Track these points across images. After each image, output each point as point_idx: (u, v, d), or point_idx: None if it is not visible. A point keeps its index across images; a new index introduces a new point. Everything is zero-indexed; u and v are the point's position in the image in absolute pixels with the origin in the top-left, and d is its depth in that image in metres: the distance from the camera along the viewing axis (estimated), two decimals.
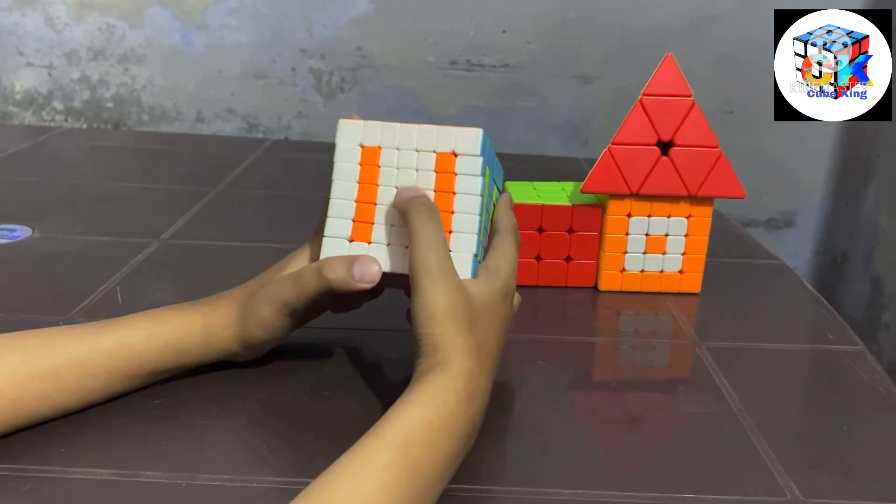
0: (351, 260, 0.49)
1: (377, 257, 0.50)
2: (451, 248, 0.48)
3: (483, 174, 0.50)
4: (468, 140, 0.50)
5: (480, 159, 0.50)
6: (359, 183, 0.51)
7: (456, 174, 0.50)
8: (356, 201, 0.51)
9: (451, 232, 0.49)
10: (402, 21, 1.38)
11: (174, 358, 0.51)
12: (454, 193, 0.50)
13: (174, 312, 0.52)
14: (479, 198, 0.49)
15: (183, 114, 1.43)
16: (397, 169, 0.51)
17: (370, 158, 0.51)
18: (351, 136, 0.52)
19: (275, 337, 0.53)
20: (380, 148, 0.51)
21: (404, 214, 0.48)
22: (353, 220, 0.51)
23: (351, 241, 0.51)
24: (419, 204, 0.48)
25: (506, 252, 0.50)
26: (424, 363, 0.44)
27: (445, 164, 0.50)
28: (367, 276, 0.48)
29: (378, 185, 0.51)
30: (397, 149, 0.51)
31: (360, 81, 1.41)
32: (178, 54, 1.40)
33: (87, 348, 0.49)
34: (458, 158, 0.50)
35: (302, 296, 0.50)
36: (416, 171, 0.50)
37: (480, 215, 0.50)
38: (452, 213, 0.50)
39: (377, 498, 0.36)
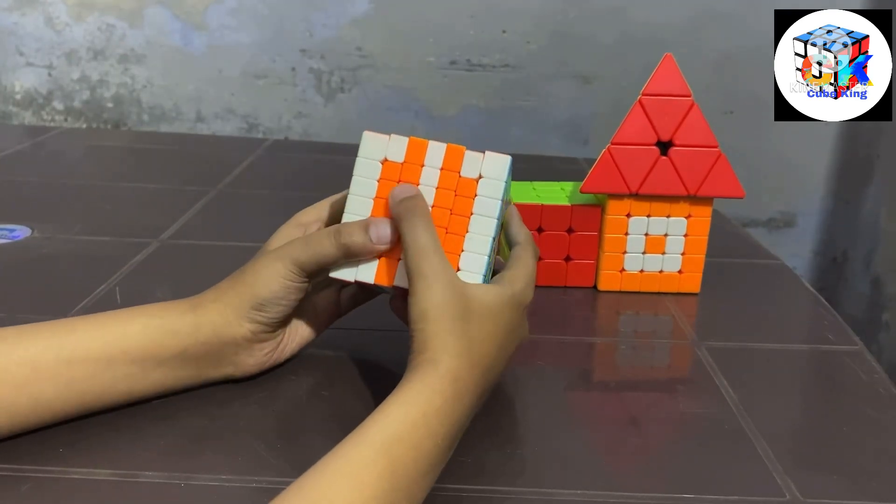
0: (366, 223, 0.49)
1: (387, 272, 0.50)
2: (460, 268, 0.49)
3: (503, 199, 0.50)
4: (496, 165, 0.50)
5: (503, 184, 0.50)
6: (374, 199, 0.51)
7: (476, 195, 0.50)
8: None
9: (462, 252, 0.49)
10: (402, 21, 1.38)
11: (160, 337, 0.48)
12: (472, 214, 0.50)
13: (162, 302, 0.51)
14: (496, 221, 0.50)
15: (183, 114, 1.43)
16: (419, 186, 0.51)
17: (390, 174, 0.51)
18: (374, 149, 0.51)
19: (280, 303, 0.50)
20: (402, 164, 0.51)
21: (396, 220, 0.48)
22: None
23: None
24: (407, 209, 0.48)
25: (525, 264, 0.50)
26: (414, 360, 0.44)
27: (466, 189, 0.50)
28: (384, 237, 0.49)
29: None
30: (421, 165, 0.51)
31: (360, 81, 1.41)
32: (178, 54, 1.40)
33: (65, 332, 0.47)
34: (481, 181, 0.50)
35: (315, 258, 0.49)
36: (436, 188, 0.50)
37: (494, 238, 0.50)
38: (467, 233, 0.50)
39: (355, 496, 0.36)
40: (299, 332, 0.55)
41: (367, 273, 0.50)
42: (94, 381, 0.47)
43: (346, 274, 0.51)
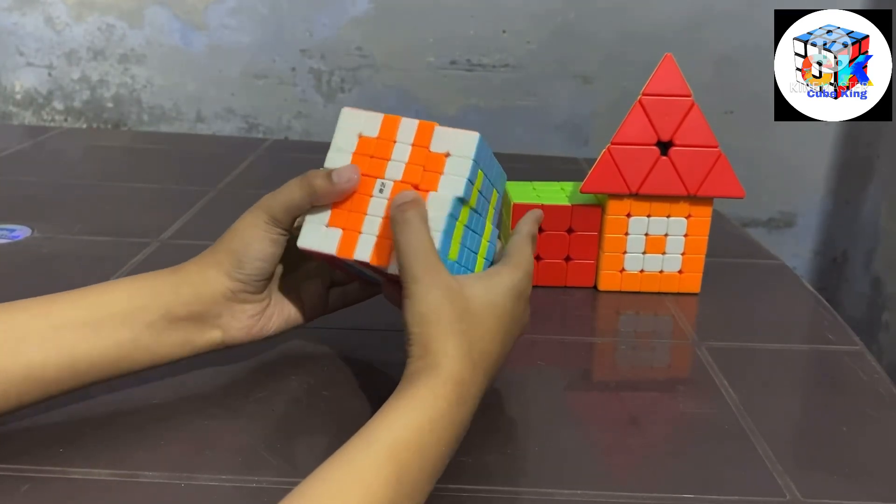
0: (330, 170, 0.50)
1: (353, 245, 0.49)
2: None
3: (471, 178, 0.49)
4: (464, 141, 0.50)
5: (471, 162, 0.49)
6: None
7: (444, 173, 0.49)
8: None
9: None
10: (402, 21, 1.38)
11: (143, 299, 0.49)
12: (436, 191, 0.49)
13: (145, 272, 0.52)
14: (453, 199, 0.48)
15: (183, 114, 1.43)
16: (389, 161, 0.50)
17: (364, 149, 0.51)
18: (351, 124, 0.52)
19: (256, 256, 0.51)
20: (376, 139, 0.51)
21: (392, 224, 0.48)
22: (332, 207, 0.50)
23: (328, 226, 0.50)
24: (402, 212, 0.47)
25: (522, 253, 0.50)
26: (414, 364, 0.43)
27: (435, 164, 0.50)
28: (345, 176, 0.50)
29: (364, 176, 0.50)
30: (393, 141, 0.51)
31: (360, 81, 1.41)
32: (178, 54, 1.40)
33: (51, 301, 0.48)
34: (449, 158, 0.49)
35: (284, 204, 0.50)
36: (405, 164, 0.50)
37: (454, 216, 0.49)
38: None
39: (362, 501, 0.36)
40: (286, 309, 0.55)
41: (329, 244, 0.50)
42: (84, 346, 0.47)
43: (311, 242, 0.50)
